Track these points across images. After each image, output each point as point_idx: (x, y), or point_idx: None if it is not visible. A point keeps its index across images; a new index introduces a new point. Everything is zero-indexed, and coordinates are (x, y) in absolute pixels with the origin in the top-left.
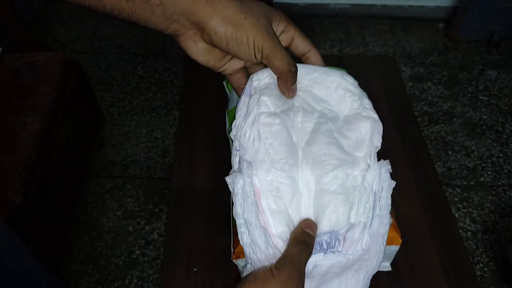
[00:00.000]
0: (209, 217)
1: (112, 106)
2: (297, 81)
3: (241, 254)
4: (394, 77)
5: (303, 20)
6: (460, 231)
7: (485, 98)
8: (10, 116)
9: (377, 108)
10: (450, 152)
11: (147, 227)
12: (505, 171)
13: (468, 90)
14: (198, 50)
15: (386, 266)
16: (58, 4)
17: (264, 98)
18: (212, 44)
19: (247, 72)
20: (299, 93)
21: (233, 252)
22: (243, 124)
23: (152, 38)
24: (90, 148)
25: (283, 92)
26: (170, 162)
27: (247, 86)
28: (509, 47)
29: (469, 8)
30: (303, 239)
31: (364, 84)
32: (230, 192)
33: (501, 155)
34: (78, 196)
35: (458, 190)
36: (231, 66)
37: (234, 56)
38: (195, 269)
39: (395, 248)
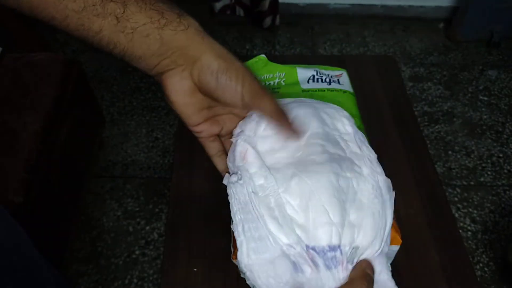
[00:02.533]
0: (209, 217)
1: (112, 106)
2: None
3: None
4: (394, 77)
5: (303, 20)
6: (460, 231)
7: (485, 98)
8: (10, 116)
9: (377, 108)
10: (450, 152)
11: (147, 227)
12: (505, 171)
13: (468, 90)
14: (181, 89)
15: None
16: None
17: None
18: (200, 80)
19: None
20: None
21: (233, 252)
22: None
23: None
24: (90, 148)
25: (285, 133)
26: (170, 162)
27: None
28: (509, 47)
29: (469, 8)
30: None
31: (364, 84)
32: None
33: (501, 155)
34: (78, 196)
35: (458, 190)
36: (209, 129)
37: (217, 98)
38: (195, 269)
39: (395, 248)
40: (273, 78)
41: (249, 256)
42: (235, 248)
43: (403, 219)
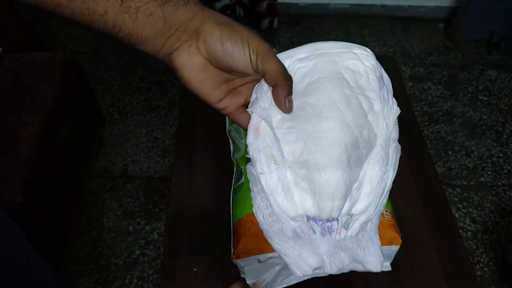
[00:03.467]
0: (209, 217)
1: (112, 106)
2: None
3: (241, 254)
4: (394, 77)
5: (303, 20)
6: (460, 231)
7: (485, 98)
8: (10, 116)
9: None
10: (450, 152)
11: (147, 227)
12: (505, 171)
13: (468, 90)
14: (193, 66)
15: (386, 266)
16: None
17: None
18: (207, 50)
19: None
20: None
21: (233, 252)
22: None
23: None
24: (90, 148)
25: (279, 104)
26: (170, 162)
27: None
28: (509, 47)
29: (469, 8)
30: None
31: None
32: (230, 192)
33: (501, 155)
34: (78, 196)
35: (458, 190)
36: (232, 102)
37: (228, 65)
38: (195, 269)
39: (395, 248)
40: None
41: (266, 229)
42: (235, 248)
43: (403, 219)
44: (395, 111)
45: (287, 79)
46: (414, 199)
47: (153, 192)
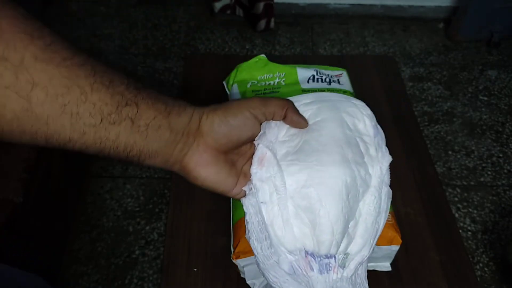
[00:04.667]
0: (209, 217)
1: None
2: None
3: (241, 254)
4: (394, 77)
5: (303, 20)
6: (460, 231)
7: (485, 98)
8: None
9: (377, 108)
10: (450, 152)
11: (147, 227)
12: (505, 171)
13: (468, 90)
14: (206, 164)
15: (386, 266)
16: (58, 4)
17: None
18: (215, 139)
19: None
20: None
21: (233, 252)
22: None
23: (152, 38)
24: None
25: (297, 123)
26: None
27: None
28: (509, 47)
29: (469, 8)
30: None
31: (364, 84)
32: None
33: (501, 155)
34: (78, 196)
35: (458, 190)
36: (245, 183)
37: (239, 138)
38: (195, 269)
39: (395, 248)
40: (273, 78)
41: (262, 262)
42: (235, 248)
43: (403, 219)
44: (388, 158)
45: (290, 101)
46: (414, 199)
47: (153, 192)
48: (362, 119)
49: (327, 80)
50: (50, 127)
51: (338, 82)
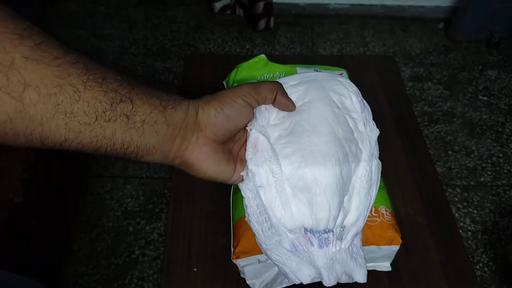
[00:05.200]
0: (209, 217)
1: None
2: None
3: (241, 254)
4: (394, 77)
5: (303, 20)
6: (460, 231)
7: (485, 98)
8: None
9: (377, 108)
10: (450, 152)
11: (147, 227)
12: (505, 171)
13: (468, 90)
14: (207, 156)
15: (386, 266)
16: (58, 4)
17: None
18: (214, 131)
19: None
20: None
21: (233, 252)
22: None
23: (152, 38)
24: None
25: (286, 106)
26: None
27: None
28: (509, 47)
29: (469, 8)
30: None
31: (364, 84)
32: (230, 192)
33: (501, 155)
34: (78, 196)
35: (458, 190)
36: (242, 168)
37: (237, 126)
38: (195, 269)
39: (395, 248)
40: (273, 78)
41: (264, 242)
42: (235, 248)
43: (403, 219)
44: (376, 131)
45: (279, 83)
46: (414, 199)
47: (153, 192)
48: (348, 96)
49: None
50: (45, 128)
51: None
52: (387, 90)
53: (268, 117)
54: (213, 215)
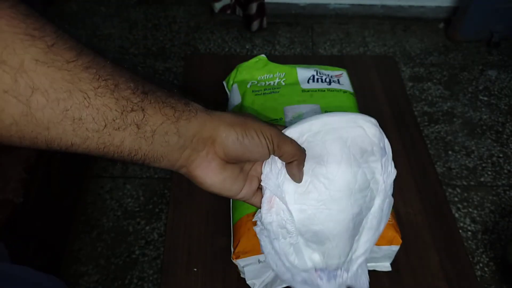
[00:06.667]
0: (209, 217)
1: None
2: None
3: (241, 254)
4: (394, 77)
5: (303, 20)
6: (460, 231)
7: (485, 98)
8: None
9: (377, 108)
10: (450, 152)
11: (147, 227)
12: (505, 171)
13: (468, 90)
14: (213, 171)
15: (386, 266)
16: (58, 4)
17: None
18: (226, 153)
19: None
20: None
21: (233, 252)
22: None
23: (152, 38)
24: None
25: (294, 177)
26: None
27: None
28: (509, 47)
29: (469, 8)
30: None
31: (364, 84)
32: None
33: (501, 155)
34: (78, 196)
35: (458, 190)
36: (250, 189)
37: (248, 159)
38: (195, 269)
39: (395, 248)
40: (273, 78)
41: (278, 274)
42: (235, 248)
43: (403, 219)
44: (393, 173)
45: (303, 153)
46: (414, 199)
47: (153, 192)
48: (369, 146)
49: (327, 80)
50: (51, 132)
51: (338, 82)
52: (387, 90)
53: (284, 172)
54: (213, 215)
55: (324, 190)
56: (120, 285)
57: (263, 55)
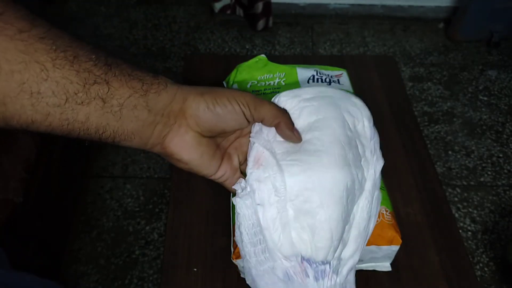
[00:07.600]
0: (209, 217)
1: None
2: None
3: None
4: (394, 77)
5: (303, 20)
6: (460, 231)
7: (485, 98)
8: None
9: (377, 108)
10: (450, 152)
11: (147, 227)
12: (505, 171)
13: (468, 90)
14: (188, 145)
15: (386, 266)
16: (58, 4)
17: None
18: (198, 124)
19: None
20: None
21: (233, 252)
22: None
23: (152, 38)
24: (90, 148)
25: (289, 138)
26: (170, 162)
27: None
28: (509, 47)
29: (469, 8)
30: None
31: (364, 84)
32: (229, 192)
33: (501, 155)
34: (78, 196)
35: (458, 190)
36: (228, 167)
37: (224, 129)
38: (195, 269)
39: (395, 248)
40: (273, 78)
41: (255, 267)
42: (235, 248)
43: (403, 219)
44: (381, 161)
45: (285, 113)
46: (414, 199)
47: (153, 192)
48: (361, 120)
49: (327, 80)
50: (9, 108)
51: (338, 82)
52: (387, 90)
53: (274, 131)
54: (213, 215)
55: (319, 151)
56: (120, 285)
57: (263, 55)
